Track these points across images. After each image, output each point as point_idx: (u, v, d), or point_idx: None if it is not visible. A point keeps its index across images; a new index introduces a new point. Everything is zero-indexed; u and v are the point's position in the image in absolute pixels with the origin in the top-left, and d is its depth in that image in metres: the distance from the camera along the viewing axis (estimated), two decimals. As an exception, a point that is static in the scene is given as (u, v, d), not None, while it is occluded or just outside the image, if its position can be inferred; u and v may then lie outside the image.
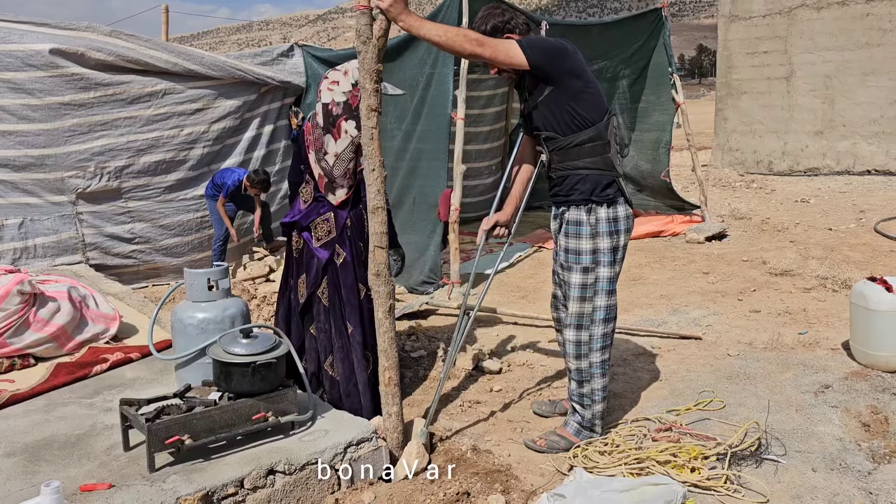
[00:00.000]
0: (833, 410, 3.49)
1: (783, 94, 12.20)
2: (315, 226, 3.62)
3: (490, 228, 3.37)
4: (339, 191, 3.59)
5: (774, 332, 4.67)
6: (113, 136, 6.15)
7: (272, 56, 7.40)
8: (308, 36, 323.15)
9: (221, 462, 2.66)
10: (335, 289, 3.63)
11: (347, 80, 3.54)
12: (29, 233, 5.92)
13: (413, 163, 6.37)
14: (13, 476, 2.61)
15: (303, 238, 3.65)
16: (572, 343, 3.22)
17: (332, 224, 3.61)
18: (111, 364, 3.72)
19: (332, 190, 3.60)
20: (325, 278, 3.62)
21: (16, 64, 5.71)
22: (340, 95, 3.54)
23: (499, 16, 3.19)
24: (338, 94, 3.54)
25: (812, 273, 6.08)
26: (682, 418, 3.48)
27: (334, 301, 3.63)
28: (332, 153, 3.54)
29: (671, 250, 7.31)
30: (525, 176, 3.40)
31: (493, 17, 3.19)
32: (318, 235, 3.62)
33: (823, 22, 11.69)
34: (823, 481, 2.89)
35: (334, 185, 3.58)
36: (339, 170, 3.56)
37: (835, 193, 10.35)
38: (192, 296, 3.24)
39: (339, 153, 3.54)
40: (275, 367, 2.88)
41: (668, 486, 2.61)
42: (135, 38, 6.25)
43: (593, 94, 3.10)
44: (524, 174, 3.40)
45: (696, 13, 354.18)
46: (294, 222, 3.67)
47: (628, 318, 5.13)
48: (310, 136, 3.61)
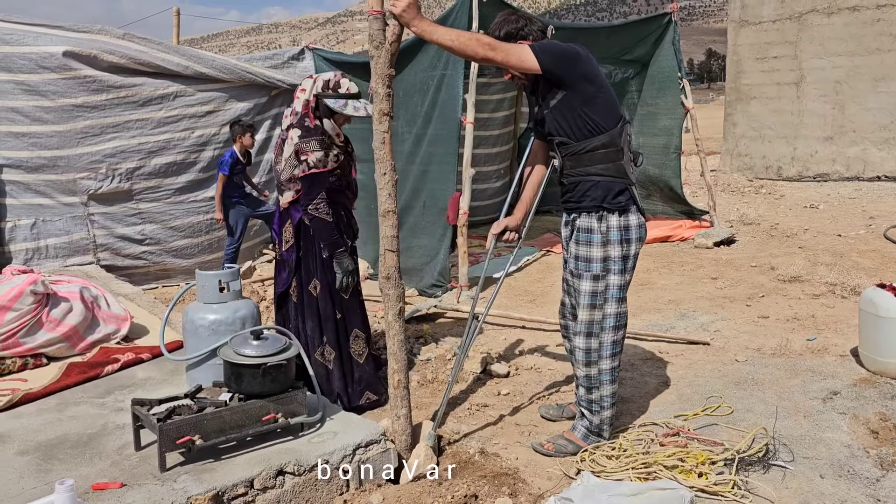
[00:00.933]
0: (841, 417, 3.49)
1: (793, 100, 12.18)
2: (284, 231, 3.86)
3: (500, 232, 3.39)
4: (286, 193, 3.78)
5: (783, 338, 4.66)
6: (124, 137, 6.20)
7: (283, 59, 7.44)
8: (317, 39, 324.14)
9: (231, 462, 2.69)
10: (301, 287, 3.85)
11: (309, 91, 3.73)
12: (41, 233, 5.97)
13: (424, 166, 6.39)
14: (27, 474, 2.64)
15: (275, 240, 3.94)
16: (582, 350, 3.22)
17: (291, 227, 3.81)
18: (122, 364, 3.75)
19: (281, 192, 3.83)
20: (293, 277, 3.84)
21: (29, 66, 5.77)
22: (299, 104, 3.74)
23: (513, 22, 3.21)
24: (298, 104, 3.75)
25: (821, 279, 6.07)
26: (689, 423, 3.48)
27: (302, 300, 3.85)
28: (283, 158, 3.76)
29: (679, 255, 7.31)
30: (536, 180, 3.41)
31: (507, 24, 3.21)
32: (286, 238, 3.84)
33: (834, 27, 11.66)
34: (831, 488, 2.89)
35: (282, 188, 3.80)
36: (285, 175, 3.75)
37: (844, 199, 10.32)
38: (203, 297, 3.27)
39: (287, 158, 3.72)
40: (285, 369, 2.90)
41: (675, 490, 2.62)
42: (147, 40, 6.30)
43: (606, 99, 3.10)
44: (535, 178, 3.41)
45: (706, 17, 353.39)
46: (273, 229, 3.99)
47: (636, 322, 5.14)
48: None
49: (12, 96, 5.76)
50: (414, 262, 6.21)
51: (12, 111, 5.78)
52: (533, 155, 3.45)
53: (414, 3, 2.93)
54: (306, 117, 3.69)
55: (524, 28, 3.20)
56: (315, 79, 3.76)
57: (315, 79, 3.76)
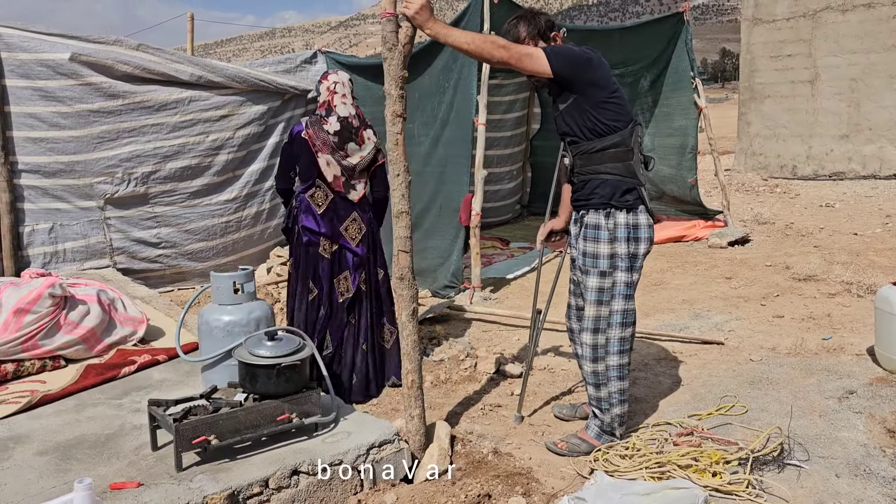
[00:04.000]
0: (857, 416, 3.47)
1: (807, 98, 12.09)
2: (347, 227, 3.99)
3: (546, 236, 3.58)
4: (358, 186, 4.01)
5: (798, 338, 4.63)
6: (140, 142, 6.26)
7: (295, 63, 7.47)
8: (330, 42, 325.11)
9: (247, 462, 2.71)
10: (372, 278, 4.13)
11: (350, 93, 4.02)
12: (59, 237, 6.04)
13: (440, 168, 6.41)
14: (46, 474, 2.68)
15: (339, 243, 4.00)
16: (589, 346, 3.24)
17: (361, 222, 4.02)
18: (139, 366, 3.79)
19: (348, 190, 3.98)
20: (362, 272, 4.07)
21: (46, 73, 5.84)
22: (351, 107, 3.99)
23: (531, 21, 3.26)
24: (350, 107, 3.99)
25: (837, 278, 6.02)
26: (703, 423, 3.47)
27: (372, 290, 4.12)
28: (360, 154, 3.97)
29: (693, 255, 7.28)
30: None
31: (542, 16, 3.30)
32: (352, 235, 4.00)
33: (849, 24, 11.57)
34: (847, 487, 2.87)
35: (353, 183, 3.99)
36: (361, 166, 3.99)
37: (860, 198, 10.23)
38: (218, 299, 3.30)
39: (365, 155, 3.99)
40: (299, 369, 2.93)
41: (689, 490, 2.61)
42: (160, 51, 6.37)
43: (617, 104, 3.13)
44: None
45: (720, 16, 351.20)
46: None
47: (650, 322, 5.12)
48: (317, 141, 3.90)
49: (31, 102, 5.84)
50: (427, 264, 6.23)
51: (30, 117, 5.85)
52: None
53: (427, 5, 2.95)
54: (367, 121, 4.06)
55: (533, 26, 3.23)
56: (343, 83, 3.99)
57: (343, 83, 3.99)
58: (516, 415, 3.65)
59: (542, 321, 3.75)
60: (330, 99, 3.93)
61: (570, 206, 3.39)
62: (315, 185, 3.92)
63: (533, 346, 3.73)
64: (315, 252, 3.94)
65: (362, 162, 3.94)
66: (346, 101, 3.94)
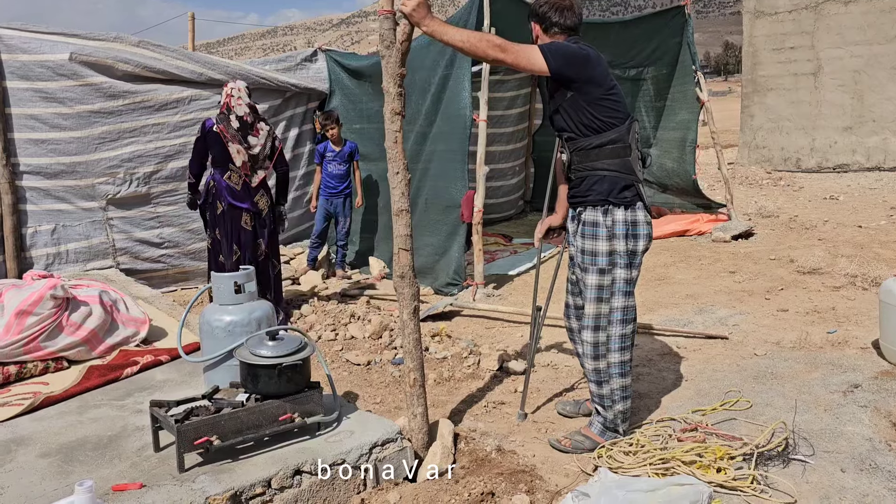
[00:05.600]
0: (862, 410, 3.45)
1: (810, 90, 12.04)
2: (258, 202, 5.05)
3: (545, 233, 3.55)
4: (260, 172, 5.05)
5: (802, 332, 4.61)
6: (141, 142, 6.26)
7: (296, 61, 7.47)
8: (331, 40, 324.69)
9: (249, 462, 2.71)
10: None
11: (246, 97, 5.00)
12: (61, 238, 6.04)
13: (425, 164, 6.39)
14: (48, 476, 2.68)
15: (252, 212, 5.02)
16: (590, 344, 3.23)
17: (267, 197, 5.12)
18: (141, 367, 3.79)
19: (255, 171, 5.03)
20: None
21: (47, 74, 5.84)
22: (246, 107, 4.98)
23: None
24: (245, 106, 4.97)
25: (841, 271, 5.99)
26: (707, 418, 3.46)
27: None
28: (260, 143, 5.01)
29: (697, 249, 7.26)
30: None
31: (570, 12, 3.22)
32: (262, 207, 5.07)
33: (852, 16, 11.51)
34: (853, 482, 2.86)
35: (257, 168, 5.03)
36: (263, 154, 5.05)
37: (865, 190, 10.19)
38: (219, 299, 3.30)
39: (263, 143, 5.03)
40: (301, 369, 2.92)
41: (693, 486, 2.60)
42: (161, 48, 6.36)
43: (614, 100, 3.11)
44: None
45: (722, 9, 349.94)
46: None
47: (653, 317, 5.11)
48: (227, 133, 4.91)
49: (31, 104, 5.84)
50: (423, 261, 6.21)
51: (31, 118, 5.85)
52: None
53: (424, 2, 2.94)
54: (257, 112, 5.06)
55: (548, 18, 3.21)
56: (240, 88, 4.98)
57: (240, 88, 4.98)
58: (519, 412, 3.64)
59: (543, 318, 3.74)
60: (228, 101, 4.95)
61: (567, 202, 3.38)
62: (230, 168, 4.92)
63: (534, 343, 3.72)
64: (238, 223, 4.95)
65: (263, 150, 4.99)
66: (240, 102, 4.95)
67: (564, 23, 3.19)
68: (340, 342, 4.91)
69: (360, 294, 6.08)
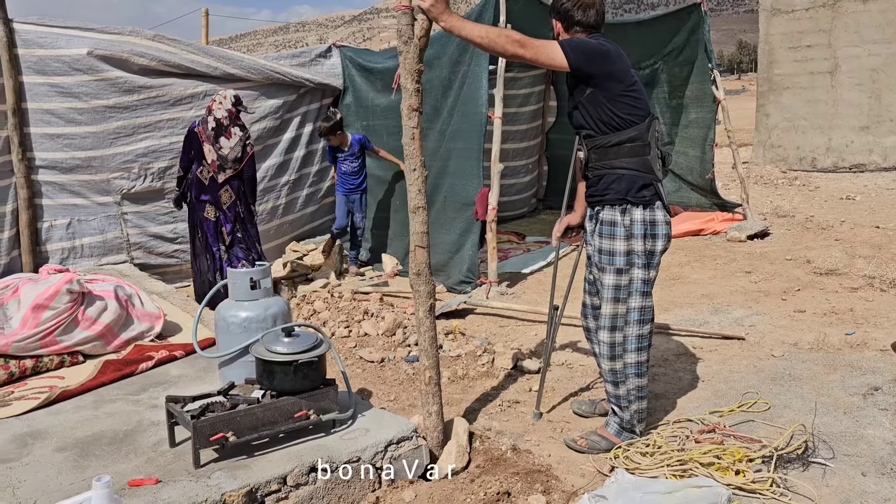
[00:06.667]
0: (883, 413, 3.41)
1: (827, 89, 11.92)
2: (222, 195, 5.53)
3: (563, 232, 3.50)
4: (227, 170, 5.48)
5: (820, 333, 4.56)
6: (156, 137, 6.27)
7: (310, 57, 7.45)
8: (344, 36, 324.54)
9: (264, 459, 2.70)
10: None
11: (227, 103, 5.50)
12: (76, 233, 6.06)
13: (443, 162, 6.36)
14: (65, 470, 2.68)
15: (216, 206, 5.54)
16: (606, 344, 3.20)
17: (231, 192, 5.56)
18: (156, 362, 3.80)
19: (223, 170, 5.49)
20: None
21: (63, 68, 5.85)
22: (223, 111, 5.47)
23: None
24: (222, 111, 5.47)
25: (859, 272, 5.93)
26: (725, 420, 3.43)
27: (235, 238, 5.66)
28: (230, 146, 5.46)
29: (712, 249, 7.20)
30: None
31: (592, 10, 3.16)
32: (224, 201, 5.53)
33: (870, 14, 11.38)
34: (874, 486, 2.82)
35: (225, 167, 5.48)
36: (232, 156, 5.47)
37: (882, 190, 10.08)
38: (235, 294, 3.29)
39: (233, 146, 5.47)
40: (316, 366, 2.91)
41: (711, 488, 2.57)
42: (177, 42, 6.36)
43: (635, 97, 3.07)
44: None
45: (736, 7, 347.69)
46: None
47: (669, 317, 5.07)
48: (203, 134, 5.46)
49: (47, 98, 5.86)
50: (438, 259, 6.18)
51: (47, 113, 5.87)
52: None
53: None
54: (237, 118, 5.54)
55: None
56: (226, 96, 5.52)
57: (226, 96, 5.52)
58: (535, 411, 3.62)
59: (560, 316, 3.71)
60: (211, 105, 5.50)
61: (586, 200, 3.35)
62: (202, 164, 5.47)
63: (550, 341, 3.69)
64: (202, 213, 5.50)
65: (231, 152, 5.45)
66: (220, 107, 5.47)
67: (587, 20, 3.15)
68: (354, 339, 4.90)
69: (374, 291, 6.07)
